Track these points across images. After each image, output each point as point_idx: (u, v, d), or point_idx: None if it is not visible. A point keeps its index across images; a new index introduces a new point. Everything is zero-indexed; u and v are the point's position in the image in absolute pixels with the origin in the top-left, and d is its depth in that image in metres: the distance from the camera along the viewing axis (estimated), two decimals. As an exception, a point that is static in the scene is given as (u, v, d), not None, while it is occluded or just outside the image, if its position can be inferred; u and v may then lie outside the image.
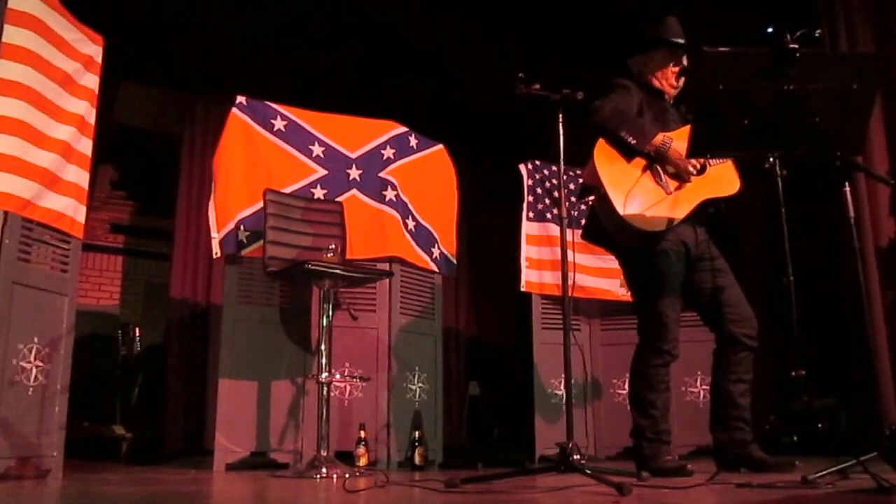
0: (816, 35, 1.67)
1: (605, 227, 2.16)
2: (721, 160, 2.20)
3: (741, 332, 2.16)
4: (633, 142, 2.11)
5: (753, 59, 1.66)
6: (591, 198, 2.15)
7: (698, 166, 2.17)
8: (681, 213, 2.14)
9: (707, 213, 2.21)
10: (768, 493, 1.62)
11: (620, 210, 2.07)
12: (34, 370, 2.18)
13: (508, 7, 3.80)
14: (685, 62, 2.30)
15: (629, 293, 2.36)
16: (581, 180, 1.99)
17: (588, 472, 1.73)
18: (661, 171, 2.17)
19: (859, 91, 1.64)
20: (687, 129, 2.22)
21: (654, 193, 2.14)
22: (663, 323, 2.15)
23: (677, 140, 2.14)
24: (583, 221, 2.35)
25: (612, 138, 2.13)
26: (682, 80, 2.30)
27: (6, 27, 2.14)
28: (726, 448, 2.15)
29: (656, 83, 2.30)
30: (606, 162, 2.13)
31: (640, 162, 2.16)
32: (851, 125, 1.70)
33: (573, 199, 3.41)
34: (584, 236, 2.34)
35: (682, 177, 2.17)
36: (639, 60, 2.32)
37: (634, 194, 2.10)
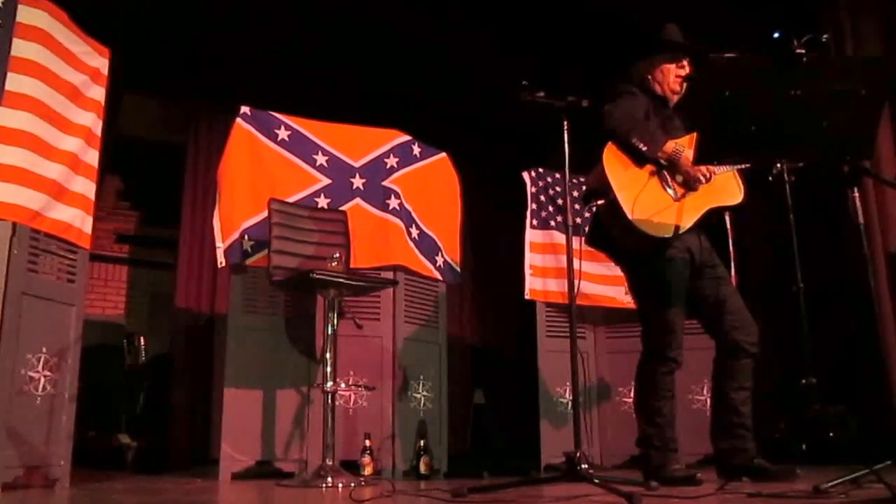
0: (823, 40, 1.67)
1: (610, 233, 2.16)
2: (726, 168, 2.20)
3: (743, 339, 2.15)
4: (645, 148, 2.10)
5: (760, 65, 1.66)
6: (601, 202, 2.14)
7: (709, 175, 2.16)
8: (688, 220, 2.14)
9: (710, 221, 2.20)
10: (780, 502, 1.60)
11: (630, 215, 2.06)
12: (42, 380, 2.19)
13: (512, 15, 3.82)
14: (686, 66, 2.30)
15: (633, 300, 2.35)
16: (585, 186, 1.98)
17: (596, 481, 1.71)
18: (669, 178, 2.17)
19: (867, 95, 1.64)
20: (693, 136, 2.22)
21: (662, 200, 2.13)
22: (669, 330, 2.15)
23: (687, 148, 2.14)
24: (587, 228, 2.35)
25: (623, 143, 2.12)
26: (685, 85, 2.29)
27: (15, 41, 2.16)
28: (728, 456, 2.14)
29: (658, 89, 2.30)
30: (616, 167, 2.12)
31: (649, 168, 2.16)
32: (860, 130, 1.69)
33: (577, 206, 3.40)
34: (587, 241, 2.33)
35: (691, 185, 2.17)
36: (641, 66, 2.32)
37: (643, 200, 2.09)
